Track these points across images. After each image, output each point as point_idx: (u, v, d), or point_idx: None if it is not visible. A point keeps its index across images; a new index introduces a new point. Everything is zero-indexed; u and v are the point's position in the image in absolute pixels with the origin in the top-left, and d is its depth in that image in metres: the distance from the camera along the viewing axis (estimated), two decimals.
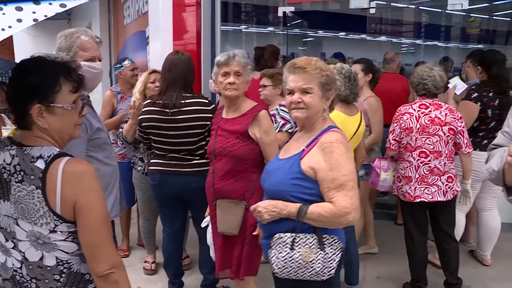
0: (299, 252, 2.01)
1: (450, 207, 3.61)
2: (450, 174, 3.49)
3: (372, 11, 5.09)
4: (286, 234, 2.05)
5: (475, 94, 3.93)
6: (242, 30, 10.10)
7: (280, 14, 5.28)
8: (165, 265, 3.70)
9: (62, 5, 1.99)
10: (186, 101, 3.18)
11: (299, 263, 2.01)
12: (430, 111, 3.45)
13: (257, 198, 2.56)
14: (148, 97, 3.49)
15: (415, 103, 3.54)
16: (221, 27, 5.77)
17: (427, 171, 3.45)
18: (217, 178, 2.81)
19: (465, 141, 3.48)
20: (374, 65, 4.56)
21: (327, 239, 2.03)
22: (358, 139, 3.41)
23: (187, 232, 3.91)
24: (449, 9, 4.85)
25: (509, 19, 9.34)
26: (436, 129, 3.41)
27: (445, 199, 3.48)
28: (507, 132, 1.66)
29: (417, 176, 3.48)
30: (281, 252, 2.04)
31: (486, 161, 1.73)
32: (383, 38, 11.83)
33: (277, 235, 2.07)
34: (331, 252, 2.02)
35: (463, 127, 3.47)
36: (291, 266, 2.03)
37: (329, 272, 2.02)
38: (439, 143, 3.42)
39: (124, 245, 4.58)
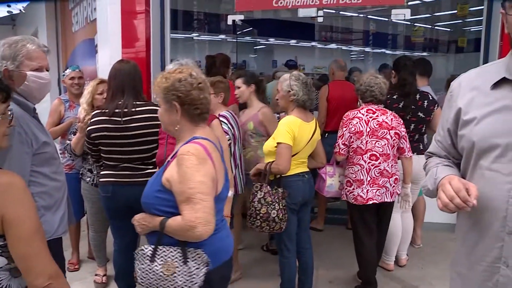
0: (160, 264, 1.99)
1: (392, 207, 3.82)
2: (396, 176, 3.67)
3: (321, 19, 5.18)
4: (148, 246, 2.05)
5: None
6: (194, 38, 10.09)
7: (229, 22, 5.30)
8: (116, 278, 3.62)
9: None
10: (137, 109, 3.14)
11: (160, 275, 1.99)
12: (377, 115, 3.60)
13: None
14: (96, 107, 3.42)
15: (362, 108, 3.68)
16: (172, 35, 5.74)
17: (377, 173, 3.58)
18: None
19: (408, 145, 3.69)
20: (256, 75, 4.67)
21: (191, 252, 1.98)
22: (312, 145, 3.48)
23: (138, 243, 3.84)
24: (392, 19, 5.03)
25: (449, 29, 9.82)
26: (384, 132, 3.57)
27: (391, 200, 3.66)
28: (440, 141, 1.74)
29: (368, 178, 3.59)
30: (142, 264, 2.04)
31: (424, 167, 1.81)
32: (333, 45, 12.12)
33: (139, 248, 2.08)
34: (194, 266, 1.97)
35: (405, 132, 3.68)
36: (152, 278, 2.01)
37: (192, 287, 1.98)
38: (387, 146, 3.58)
39: (74, 259, 4.45)
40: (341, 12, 8.94)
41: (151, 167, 3.20)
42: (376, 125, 3.56)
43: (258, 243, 4.86)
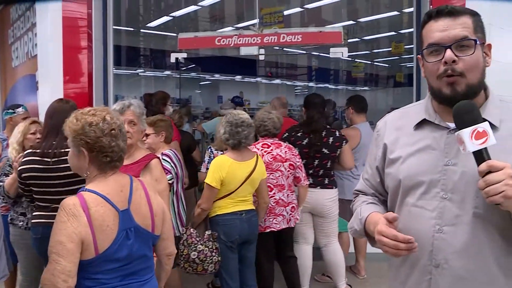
0: None
1: (292, 233, 4.03)
2: (293, 204, 3.88)
3: (262, 57, 5.31)
4: None
5: (285, 134, 4.25)
6: (140, 74, 10.08)
7: (172, 60, 5.33)
8: None
9: None
10: (67, 149, 3.06)
11: None
12: (272, 149, 3.81)
13: None
14: (29, 147, 3.33)
15: (258, 143, 3.86)
16: (117, 71, 5.72)
17: (273, 203, 3.77)
18: None
19: (303, 174, 3.93)
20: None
21: None
22: (253, 184, 3.52)
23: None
24: (331, 56, 5.22)
25: (388, 65, 10.34)
26: (278, 165, 3.79)
27: (288, 226, 3.85)
28: (367, 179, 1.79)
29: None
30: None
31: (351, 206, 1.86)
32: (278, 81, 12.41)
33: None
34: None
35: (301, 163, 3.92)
36: None
37: None
38: (282, 177, 3.80)
39: None
40: (284, 49, 9.22)
41: None
42: (271, 158, 3.76)
43: (203, 280, 4.78)
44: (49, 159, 3.04)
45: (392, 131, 1.67)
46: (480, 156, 1.32)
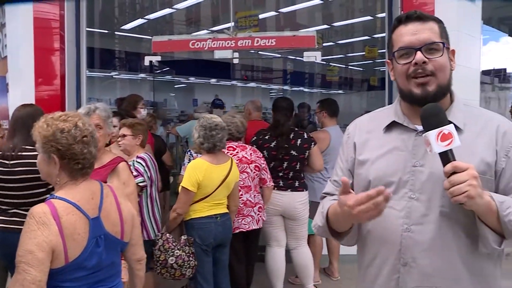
0: None
1: (259, 234, 4.08)
2: (260, 205, 3.94)
3: (236, 60, 5.31)
4: None
5: (254, 138, 4.28)
6: (114, 76, 9.99)
7: (146, 63, 5.31)
8: None
9: None
10: (25, 153, 3.02)
11: None
12: (237, 152, 3.86)
13: None
14: None
15: None
16: (91, 73, 5.66)
17: (241, 204, 3.81)
18: None
19: (269, 176, 4.00)
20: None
21: None
22: (228, 187, 3.53)
23: None
24: (304, 60, 5.26)
25: (362, 69, 10.49)
26: (244, 167, 3.84)
27: (258, 227, 3.92)
28: (336, 181, 1.79)
29: None
30: None
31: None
32: (253, 84, 12.43)
33: None
34: None
35: (266, 164, 3.99)
36: None
37: None
38: (248, 179, 3.86)
39: None
40: (259, 52, 9.26)
41: None
42: (237, 160, 3.77)
43: (179, 284, 4.76)
44: (7, 162, 3.01)
45: (363, 133, 1.70)
46: (446, 157, 1.36)
